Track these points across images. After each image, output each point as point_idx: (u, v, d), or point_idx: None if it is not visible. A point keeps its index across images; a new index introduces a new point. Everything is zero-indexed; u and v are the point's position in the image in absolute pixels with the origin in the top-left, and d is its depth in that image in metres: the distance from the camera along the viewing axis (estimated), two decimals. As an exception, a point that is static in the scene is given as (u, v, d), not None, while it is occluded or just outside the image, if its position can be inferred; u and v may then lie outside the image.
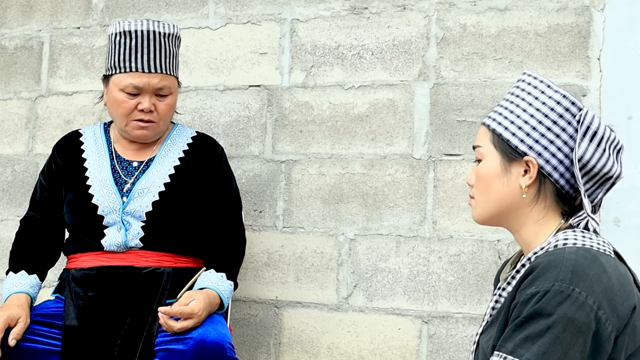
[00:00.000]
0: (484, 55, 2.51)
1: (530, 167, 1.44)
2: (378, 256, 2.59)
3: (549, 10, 2.45)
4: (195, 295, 2.09)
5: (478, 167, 1.52)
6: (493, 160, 1.48)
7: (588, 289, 1.28)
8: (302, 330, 2.67)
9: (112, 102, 2.28)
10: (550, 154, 1.43)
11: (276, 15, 2.77)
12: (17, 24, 3.17)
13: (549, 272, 1.30)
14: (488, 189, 1.49)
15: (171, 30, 2.29)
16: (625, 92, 2.37)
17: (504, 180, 1.47)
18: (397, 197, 2.58)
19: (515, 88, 1.52)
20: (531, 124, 1.44)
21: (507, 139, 1.46)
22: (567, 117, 1.43)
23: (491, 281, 2.45)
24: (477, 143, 1.53)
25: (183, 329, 2.03)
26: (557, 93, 1.44)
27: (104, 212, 2.24)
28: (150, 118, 2.26)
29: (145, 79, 2.23)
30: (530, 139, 1.44)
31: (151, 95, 2.25)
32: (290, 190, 2.71)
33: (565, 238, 1.39)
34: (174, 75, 2.31)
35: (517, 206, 1.47)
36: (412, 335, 2.54)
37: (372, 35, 2.65)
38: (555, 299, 1.27)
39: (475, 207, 1.53)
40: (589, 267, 1.30)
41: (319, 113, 2.69)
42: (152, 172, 2.29)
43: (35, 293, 2.25)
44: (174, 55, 2.31)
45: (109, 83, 2.29)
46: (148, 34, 2.24)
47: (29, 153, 3.10)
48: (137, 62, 2.23)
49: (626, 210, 2.36)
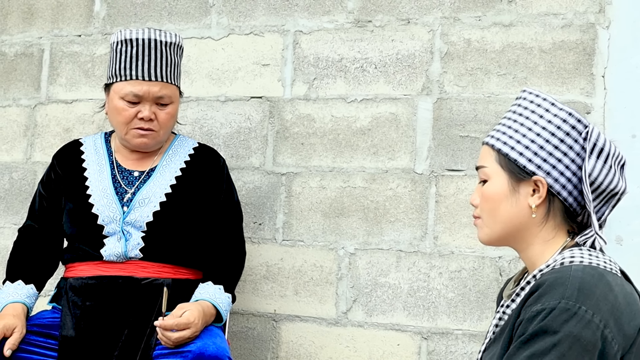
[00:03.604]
0: (488, 71, 2.51)
1: (540, 187, 1.43)
2: (378, 271, 2.57)
3: (554, 26, 2.45)
4: (187, 306, 2.08)
5: (484, 188, 1.50)
6: (500, 181, 1.47)
7: (594, 307, 1.27)
8: (301, 344, 2.65)
9: (112, 110, 2.26)
10: (558, 172, 1.42)
11: (279, 26, 2.77)
12: (17, 30, 3.15)
13: (555, 290, 1.29)
14: (496, 210, 1.47)
15: (173, 40, 2.28)
16: (630, 110, 2.36)
17: (513, 200, 1.46)
18: (398, 211, 2.57)
19: (516, 106, 1.50)
20: (538, 142, 1.43)
21: (514, 158, 1.44)
22: (573, 134, 1.43)
23: (492, 298, 2.44)
24: (481, 163, 1.51)
25: (180, 339, 2.01)
26: (562, 111, 1.44)
27: (104, 221, 2.22)
28: (151, 126, 2.24)
29: (146, 87, 2.22)
30: (538, 158, 1.43)
31: (151, 104, 2.24)
32: (291, 203, 2.69)
33: (572, 256, 1.38)
34: (175, 85, 2.29)
35: (527, 226, 1.46)
36: (411, 352, 2.52)
37: (376, 48, 2.64)
38: (561, 316, 1.26)
39: (482, 228, 1.52)
40: (595, 286, 1.29)
41: (321, 126, 2.68)
42: (153, 182, 2.27)
43: (31, 303, 2.22)
44: (175, 65, 2.30)
45: (110, 92, 2.28)
46: (150, 43, 2.23)
47: (27, 161, 3.07)
48: (137, 70, 2.22)
49: (629, 229, 2.35)
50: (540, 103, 1.46)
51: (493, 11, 2.51)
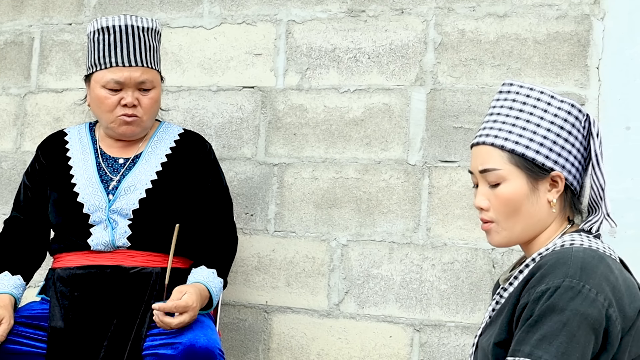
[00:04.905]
0: (482, 62, 2.49)
1: (558, 181, 1.44)
2: (370, 262, 2.56)
3: (548, 17, 2.43)
4: (187, 289, 2.06)
5: (500, 191, 1.45)
6: (518, 181, 1.44)
7: (598, 287, 1.28)
8: (292, 336, 2.63)
9: (94, 100, 2.24)
10: (570, 164, 1.45)
11: (272, 16, 2.74)
12: (7, 18, 3.12)
13: (558, 269, 1.31)
14: (517, 211, 1.45)
15: (150, 25, 2.27)
16: (624, 102, 2.35)
17: (533, 199, 1.45)
18: (391, 203, 2.55)
19: (511, 102, 1.48)
20: (551, 138, 1.44)
21: (532, 157, 1.43)
22: (577, 125, 1.45)
23: (485, 290, 2.43)
24: (489, 166, 1.46)
25: (181, 324, 1.99)
26: (564, 103, 1.45)
27: (89, 210, 2.19)
28: (135, 112, 2.22)
29: (127, 73, 2.20)
30: (554, 154, 1.43)
31: (134, 90, 2.21)
32: (283, 194, 2.68)
33: (572, 239, 1.40)
34: (155, 69, 2.28)
35: (544, 222, 1.46)
36: (403, 344, 2.51)
37: (369, 38, 2.62)
38: (566, 294, 1.27)
39: (498, 232, 1.48)
40: (596, 266, 1.31)
41: (314, 116, 2.66)
42: (138, 169, 2.25)
43: (19, 294, 2.20)
44: (154, 49, 2.28)
45: (91, 82, 2.26)
46: (127, 29, 2.21)
47: (16, 150, 3.04)
48: (116, 57, 2.20)
49: (622, 221, 2.33)
50: (538, 97, 1.46)
51: (487, 1, 2.49)
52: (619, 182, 2.33)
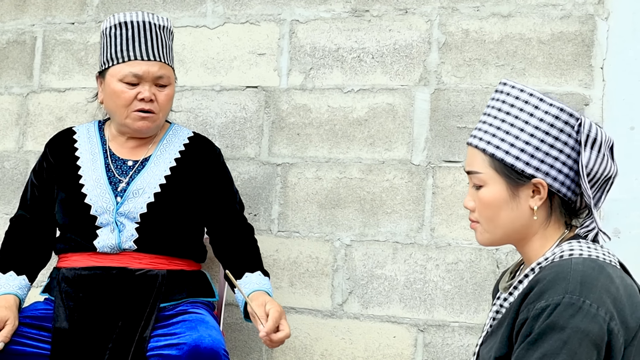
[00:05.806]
0: (486, 62, 2.48)
1: (540, 188, 1.39)
2: (374, 263, 2.56)
3: (552, 17, 2.42)
4: (263, 299, 2.07)
5: (481, 195, 1.44)
6: (497, 187, 1.42)
7: (598, 301, 1.26)
8: (296, 336, 2.63)
9: (110, 95, 2.23)
10: (556, 170, 1.39)
11: (275, 15, 2.73)
12: (9, 17, 3.11)
13: (558, 285, 1.27)
14: (496, 216, 1.43)
15: (165, 23, 2.28)
16: (628, 102, 2.35)
17: (513, 205, 1.41)
18: (394, 203, 2.55)
19: (501, 103, 1.44)
20: (533, 144, 1.38)
21: (510, 163, 1.39)
22: (567, 130, 1.39)
23: (489, 290, 2.42)
24: (473, 168, 1.45)
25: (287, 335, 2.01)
26: (553, 107, 1.39)
27: (97, 212, 2.19)
28: (151, 108, 2.21)
29: (145, 67, 2.20)
30: (535, 160, 1.38)
31: (151, 85, 2.21)
32: (286, 194, 2.67)
33: (571, 249, 1.37)
34: (171, 66, 2.28)
35: (528, 226, 1.43)
36: (407, 344, 2.51)
37: (373, 38, 2.61)
38: (567, 311, 1.25)
39: (482, 233, 1.47)
40: (596, 278, 1.28)
41: (317, 116, 2.65)
42: (147, 172, 2.24)
43: (24, 294, 2.19)
44: (169, 47, 2.29)
45: (106, 77, 2.24)
46: (144, 25, 2.22)
47: (19, 150, 3.04)
48: (135, 51, 2.20)
49: (627, 221, 2.34)
50: (527, 99, 1.40)
51: (491, 1, 2.49)
52: (623, 182, 2.32)
